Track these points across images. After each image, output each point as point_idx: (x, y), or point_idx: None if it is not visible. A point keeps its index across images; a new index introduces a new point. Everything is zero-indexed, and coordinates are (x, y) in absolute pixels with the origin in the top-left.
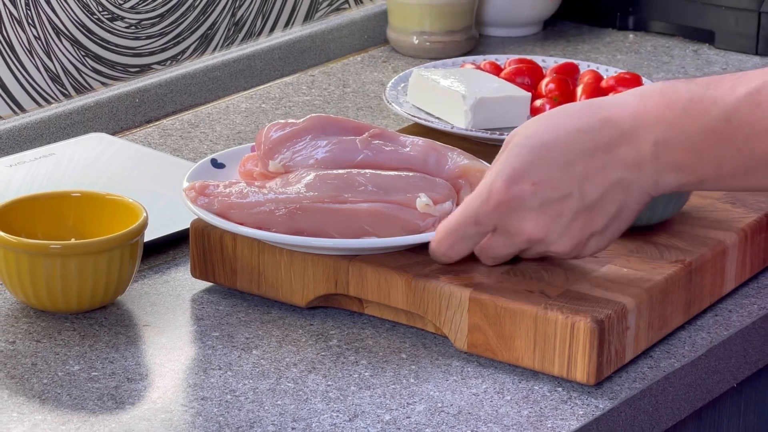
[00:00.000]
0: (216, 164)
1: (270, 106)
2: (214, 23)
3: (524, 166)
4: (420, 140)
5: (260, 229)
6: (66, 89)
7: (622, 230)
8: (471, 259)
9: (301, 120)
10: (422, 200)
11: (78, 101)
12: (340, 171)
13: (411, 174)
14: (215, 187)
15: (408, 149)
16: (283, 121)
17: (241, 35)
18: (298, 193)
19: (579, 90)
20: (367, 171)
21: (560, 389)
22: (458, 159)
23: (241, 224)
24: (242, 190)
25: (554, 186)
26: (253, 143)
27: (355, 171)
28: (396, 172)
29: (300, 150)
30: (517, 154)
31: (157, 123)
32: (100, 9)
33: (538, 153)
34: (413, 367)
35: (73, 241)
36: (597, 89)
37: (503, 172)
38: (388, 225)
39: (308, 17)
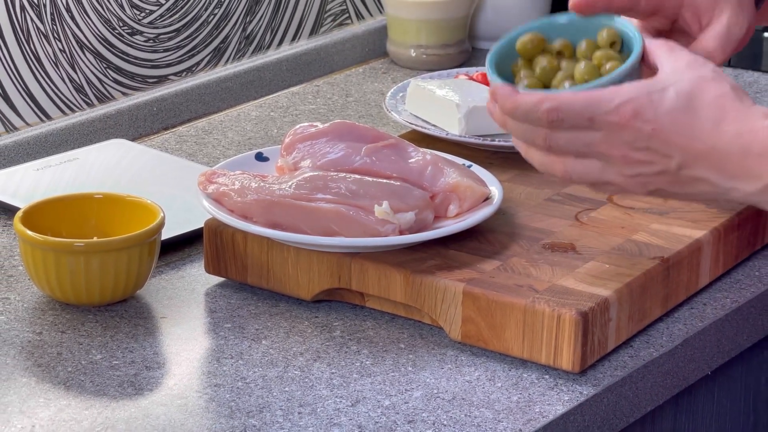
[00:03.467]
0: (261, 158)
1: (278, 114)
2: (226, 37)
3: (660, 110)
4: (429, 155)
5: (244, 217)
6: (89, 98)
7: (686, 200)
8: (469, 255)
9: (326, 124)
10: (381, 207)
11: (100, 110)
12: (326, 173)
13: (393, 182)
14: (221, 176)
15: (411, 161)
16: (308, 123)
17: (251, 48)
18: (281, 189)
19: None
20: (351, 175)
21: (547, 377)
22: (453, 175)
23: (231, 211)
24: (240, 181)
25: (666, 143)
26: None
27: (338, 174)
28: (379, 179)
29: (313, 151)
30: (663, 99)
31: (173, 130)
32: (121, 24)
33: (675, 110)
34: (411, 356)
35: (95, 239)
36: None
37: (639, 102)
38: (350, 226)
39: (314, 32)
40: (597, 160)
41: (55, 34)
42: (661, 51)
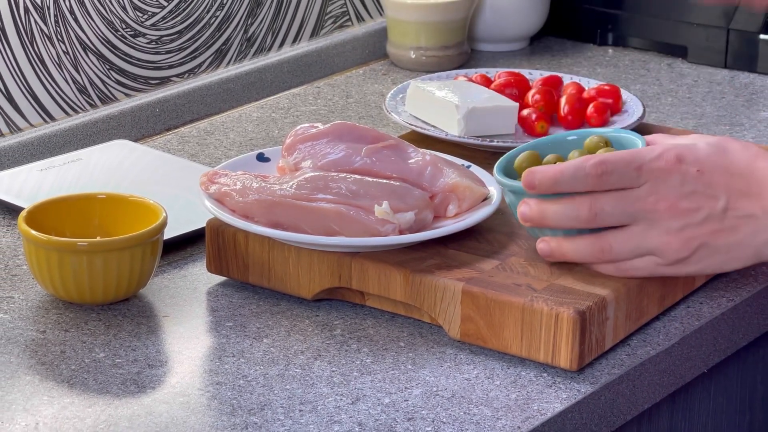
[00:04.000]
0: (262, 158)
1: (279, 115)
2: (228, 39)
3: (699, 154)
4: (429, 155)
5: (245, 217)
6: (92, 100)
7: (725, 266)
8: (468, 254)
9: (327, 125)
10: (381, 207)
11: (103, 111)
12: (326, 173)
13: (393, 183)
14: (223, 176)
15: (411, 161)
16: (309, 124)
17: (252, 50)
18: (282, 189)
19: (563, 101)
20: (351, 175)
21: (545, 375)
22: (452, 175)
23: (233, 211)
24: (242, 181)
25: (711, 184)
26: None
27: (339, 174)
28: (379, 180)
29: (314, 152)
30: (698, 148)
31: (175, 131)
32: (124, 26)
33: (712, 155)
34: (411, 354)
35: (98, 239)
36: (579, 100)
37: (679, 149)
38: (351, 226)
39: (314, 34)
40: (640, 224)
41: (59, 36)
42: (663, 138)
